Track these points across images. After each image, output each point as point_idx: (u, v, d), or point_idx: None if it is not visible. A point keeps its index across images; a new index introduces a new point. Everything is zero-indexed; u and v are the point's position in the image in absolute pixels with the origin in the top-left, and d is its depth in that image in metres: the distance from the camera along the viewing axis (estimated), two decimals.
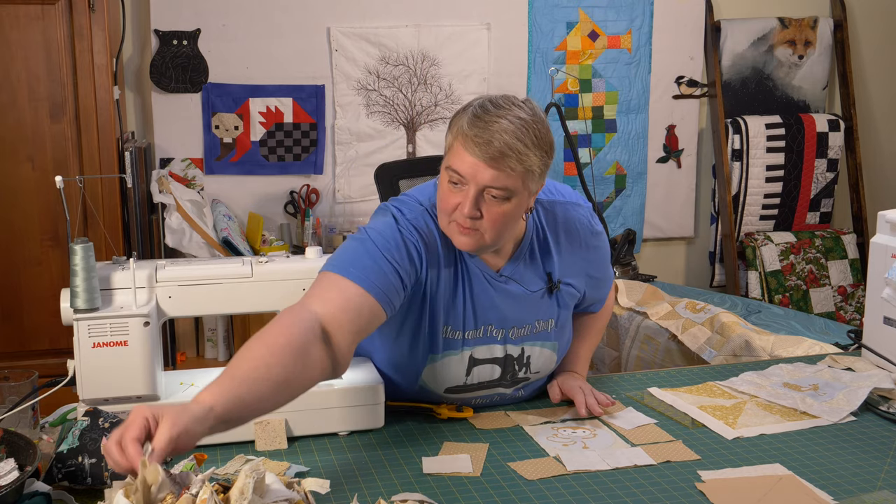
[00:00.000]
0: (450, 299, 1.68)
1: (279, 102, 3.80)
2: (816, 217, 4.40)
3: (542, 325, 1.78)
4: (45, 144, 3.07)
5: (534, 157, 1.55)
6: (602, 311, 1.99)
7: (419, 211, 1.67)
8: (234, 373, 1.34)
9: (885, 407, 1.80)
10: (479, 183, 1.55)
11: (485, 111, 1.55)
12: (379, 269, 1.56)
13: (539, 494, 1.46)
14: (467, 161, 1.54)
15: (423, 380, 1.74)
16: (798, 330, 2.88)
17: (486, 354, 1.74)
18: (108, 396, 1.58)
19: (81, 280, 1.55)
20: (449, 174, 1.58)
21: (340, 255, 1.60)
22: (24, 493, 1.37)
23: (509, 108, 1.55)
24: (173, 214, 3.30)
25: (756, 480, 1.50)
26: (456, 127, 1.58)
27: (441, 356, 1.71)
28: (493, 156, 1.52)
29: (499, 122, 1.53)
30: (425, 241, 1.64)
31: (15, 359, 3.02)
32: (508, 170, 1.53)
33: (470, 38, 3.95)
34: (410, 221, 1.65)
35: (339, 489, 1.46)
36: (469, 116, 1.56)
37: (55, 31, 3.03)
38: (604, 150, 4.18)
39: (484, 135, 1.52)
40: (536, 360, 1.79)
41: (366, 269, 1.55)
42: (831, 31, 4.35)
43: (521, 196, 1.58)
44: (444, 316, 1.69)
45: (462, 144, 1.55)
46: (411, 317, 1.69)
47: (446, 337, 1.70)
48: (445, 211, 1.61)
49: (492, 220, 1.58)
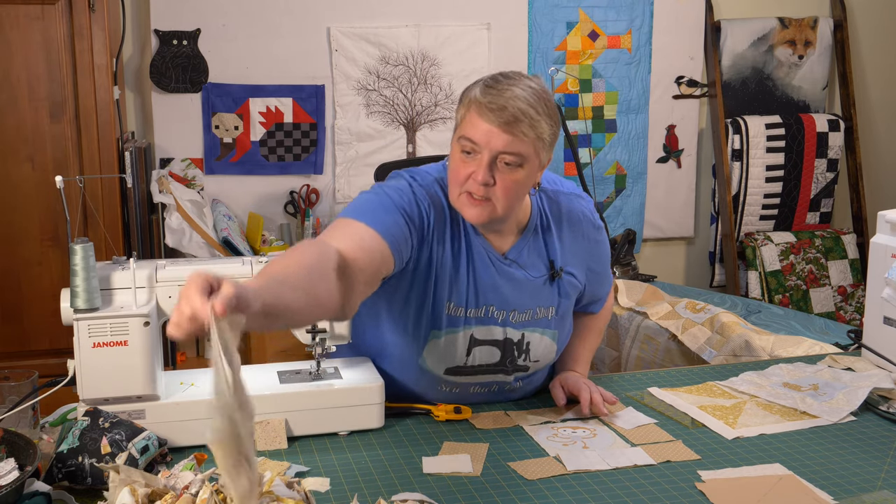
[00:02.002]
0: (454, 274, 1.72)
1: (279, 102, 3.80)
2: (816, 217, 4.40)
3: (542, 311, 1.80)
4: (45, 144, 3.07)
5: (545, 124, 1.61)
6: (601, 312, 2.01)
7: (431, 180, 1.72)
8: (273, 274, 1.31)
9: (885, 407, 1.80)
10: (492, 149, 1.59)
11: (496, 81, 1.62)
12: (392, 219, 1.61)
13: (539, 494, 1.46)
14: (481, 128, 1.59)
15: (425, 358, 1.75)
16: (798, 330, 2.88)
17: (486, 335, 1.76)
18: (108, 396, 1.58)
19: (81, 280, 1.55)
20: (462, 144, 1.62)
21: (356, 204, 1.66)
22: (24, 493, 1.37)
23: (520, 79, 1.62)
24: (173, 214, 3.30)
25: (756, 480, 1.50)
26: (468, 98, 1.63)
27: (444, 333, 1.73)
28: (507, 120, 1.57)
29: (511, 90, 1.59)
30: (435, 208, 1.70)
31: (15, 359, 3.02)
32: (521, 135, 1.58)
33: (470, 38, 3.95)
34: (423, 188, 1.70)
35: (339, 489, 1.46)
36: (481, 86, 1.62)
37: (55, 31, 3.03)
38: (604, 150, 4.18)
39: (498, 100, 1.58)
40: (536, 348, 1.81)
41: (380, 217, 1.60)
42: (831, 31, 4.35)
43: (532, 164, 1.63)
44: (448, 291, 1.72)
45: (476, 112, 1.60)
46: (417, 287, 1.71)
47: (449, 313, 1.73)
48: (457, 182, 1.65)
49: (504, 188, 1.62)
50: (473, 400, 1.83)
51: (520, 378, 1.84)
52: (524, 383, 1.86)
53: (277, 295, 1.26)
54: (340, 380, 1.71)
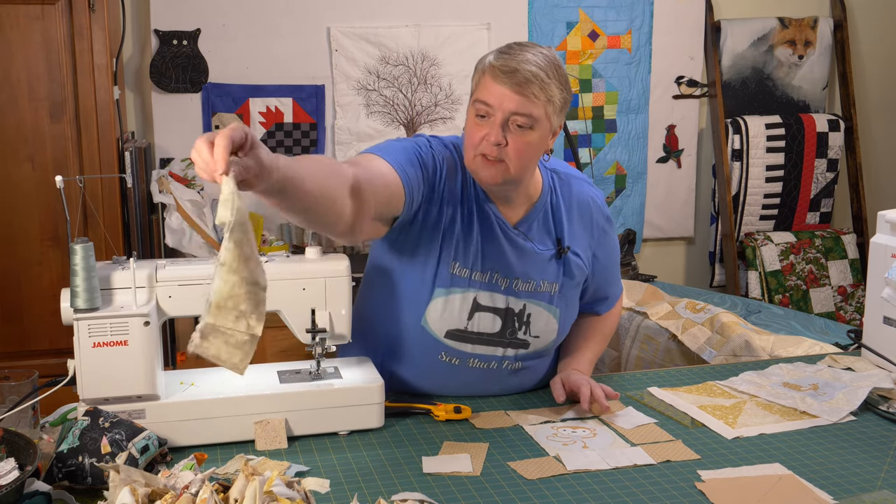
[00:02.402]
0: (462, 236, 1.78)
1: (279, 102, 3.80)
2: (816, 217, 4.40)
3: (546, 285, 1.84)
4: (45, 144, 3.07)
5: (555, 88, 1.68)
6: (608, 315, 2.02)
7: (448, 142, 1.83)
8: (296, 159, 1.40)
9: (885, 407, 1.80)
10: (505, 110, 1.66)
11: (509, 47, 1.71)
12: (409, 162, 1.70)
13: (539, 494, 1.46)
14: (495, 91, 1.66)
15: (427, 319, 1.79)
16: (798, 330, 2.88)
17: (488, 301, 1.80)
18: (108, 396, 1.58)
19: (81, 280, 1.55)
20: (476, 107, 1.69)
21: (378, 145, 1.75)
22: (24, 493, 1.37)
23: (532, 46, 1.71)
24: (173, 214, 3.30)
25: (756, 480, 1.50)
26: (482, 65, 1.72)
27: (447, 291, 1.78)
28: (519, 81, 1.65)
29: (523, 54, 1.68)
30: (449, 168, 1.79)
31: (15, 359, 3.02)
32: (532, 96, 1.66)
33: (470, 38, 3.95)
34: (441, 147, 1.80)
35: (339, 489, 1.46)
36: (495, 52, 1.71)
37: (55, 31, 3.03)
38: (604, 150, 4.18)
39: (511, 63, 1.66)
40: (536, 322, 1.83)
41: (398, 157, 1.69)
42: (831, 31, 4.35)
43: (544, 128, 1.70)
44: (455, 251, 1.77)
45: (490, 75, 1.68)
46: (424, 241, 1.77)
47: (454, 273, 1.78)
48: (472, 144, 1.71)
49: (516, 150, 1.68)
50: (472, 379, 1.84)
51: (520, 358, 1.84)
52: (524, 365, 1.86)
53: (298, 175, 1.35)
54: (340, 380, 1.71)
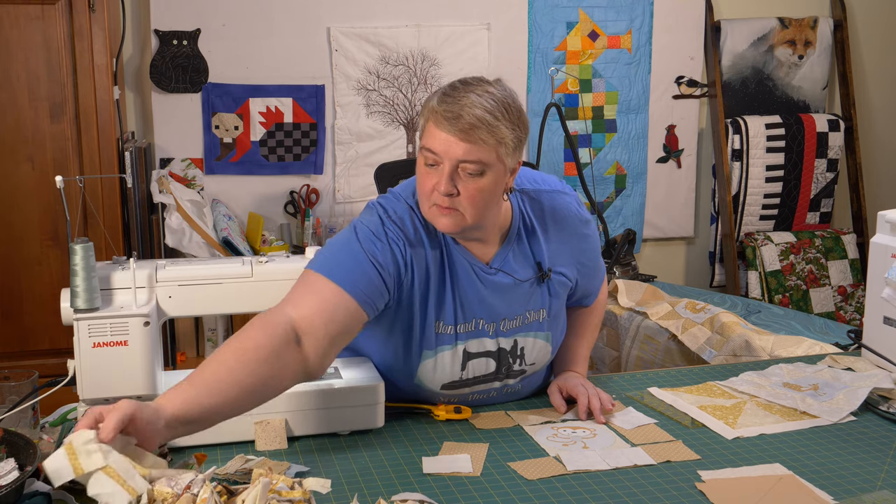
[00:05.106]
0: (439, 294, 1.69)
1: (279, 102, 3.80)
2: (816, 217, 4.40)
3: (533, 315, 1.78)
4: (45, 144, 3.07)
5: (504, 129, 1.57)
6: (595, 304, 1.98)
7: (404, 209, 1.69)
8: (193, 379, 1.41)
9: (885, 407, 1.80)
10: (452, 158, 1.57)
11: (453, 89, 1.59)
12: (362, 271, 1.59)
13: (539, 494, 1.46)
14: (439, 137, 1.57)
15: (419, 378, 1.74)
16: (798, 330, 2.88)
17: (478, 348, 1.75)
18: (108, 396, 1.58)
19: (81, 280, 1.55)
20: (424, 155, 1.60)
21: (325, 253, 1.63)
22: (24, 493, 1.37)
23: (478, 85, 1.59)
24: (173, 214, 3.30)
25: (756, 480, 1.50)
26: (427, 108, 1.61)
27: (435, 352, 1.72)
28: (464, 128, 1.55)
29: (468, 97, 1.56)
30: (410, 242, 1.66)
31: (15, 359, 3.03)
32: (480, 142, 1.56)
33: (470, 38, 3.95)
34: (395, 222, 1.66)
35: (339, 489, 1.46)
36: (439, 95, 1.60)
37: (55, 31, 3.03)
38: (604, 150, 4.18)
39: (454, 108, 1.56)
40: (530, 352, 1.80)
41: (348, 271, 1.58)
42: (831, 31, 4.35)
43: (497, 170, 1.60)
44: (436, 311, 1.70)
45: (434, 122, 1.58)
46: (401, 317, 1.69)
47: (439, 332, 1.71)
48: (425, 194, 1.62)
49: (469, 197, 1.59)
50: (475, 404, 1.83)
51: (518, 381, 1.84)
52: (523, 384, 1.86)
53: (199, 400, 1.37)
54: (340, 380, 1.71)
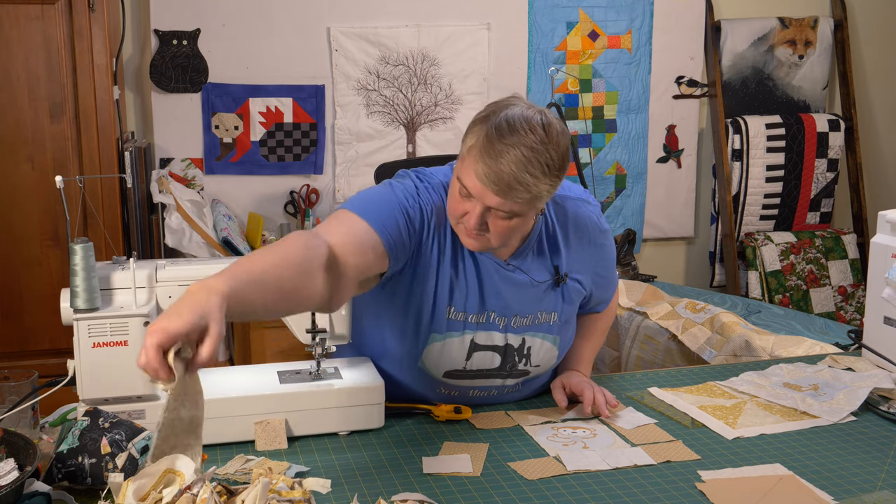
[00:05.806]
0: (455, 279, 1.72)
1: (279, 102, 3.80)
2: (816, 217, 4.40)
3: (544, 316, 1.79)
4: (45, 144, 3.07)
5: (543, 185, 1.57)
6: (606, 311, 2.01)
7: (437, 183, 1.73)
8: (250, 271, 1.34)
9: (886, 407, 1.80)
10: (485, 203, 1.59)
11: (500, 135, 1.54)
12: (392, 219, 1.62)
13: (539, 494, 1.46)
14: (476, 184, 1.57)
15: (423, 362, 1.75)
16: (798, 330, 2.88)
17: (486, 341, 1.76)
18: (108, 396, 1.58)
19: (81, 280, 1.55)
20: (459, 185, 1.61)
21: (359, 197, 1.67)
22: (24, 493, 1.37)
23: (525, 134, 1.54)
24: (173, 214, 3.30)
25: (756, 480, 1.50)
26: (472, 140, 1.59)
27: (443, 337, 1.73)
28: (503, 189, 1.56)
29: (509, 153, 1.53)
30: (437, 215, 1.70)
31: (15, 359, 3.02)
32: (515, 198, 1.57)
33: (470, 38, 3.95)
34: (429, 192, 1.70)
35: (339, 489, 1.46)
36: (483, 139, 1.56)
37: (55, 30, 3.03)
38: (604, 150, 4.18)
39: (494, 166, 1.54)
40: (537, 353, 1.80)
41: (380, 215, 1.61)
42: (831, 31, 4.35)
43: (528, 215, 1.63)
44: (449, 295, 1.72)
45: (472, 165, 1.57)
46: (417, 290, 1.71)
47: (450, 318, 1.73)
48: (454, 214, 1.65)
49: (497, 233, 1.63)
50: (474, 402, 1.83)
51: (520, 382, 1.84)
52: (524, 387, 1.86)
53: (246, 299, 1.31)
54: (340, 380, 1.71)
